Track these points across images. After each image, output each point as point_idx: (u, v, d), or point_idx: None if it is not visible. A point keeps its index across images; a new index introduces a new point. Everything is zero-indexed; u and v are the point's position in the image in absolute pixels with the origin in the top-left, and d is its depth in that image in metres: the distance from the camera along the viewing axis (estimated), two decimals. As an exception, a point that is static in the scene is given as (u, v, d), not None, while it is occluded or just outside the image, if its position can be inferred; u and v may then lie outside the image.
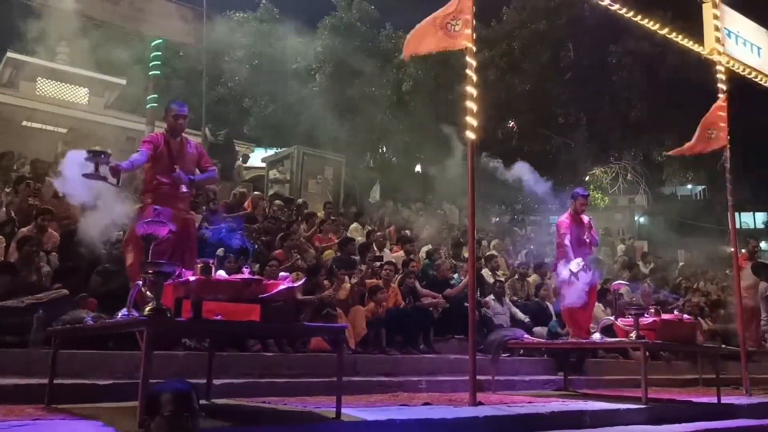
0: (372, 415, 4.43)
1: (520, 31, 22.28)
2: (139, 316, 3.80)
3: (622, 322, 6.87)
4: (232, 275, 4.39)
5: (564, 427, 5.22)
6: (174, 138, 5.82)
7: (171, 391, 2.95)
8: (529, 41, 21.91)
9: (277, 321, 4.21)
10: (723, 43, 8.98)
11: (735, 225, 8.89)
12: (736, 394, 7.65)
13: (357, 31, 22.65)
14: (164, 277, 3.77)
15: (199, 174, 5.96)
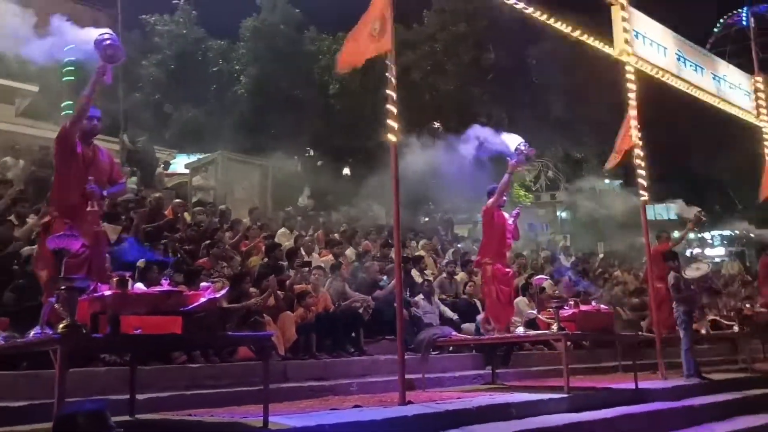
0: (301, 422, 4.42)
1: (441, 34, 22.67)
2: (53, 333, 3.67)
3: (544, 315, 7.10)
4: (151, 287, 4.29)
5: (491, 419, 5.37)
6: (86, 143, 5.47)
7: (84, 411, 2.86)
8: (451, 43, 22.31)
9: (199, 332, 4.15)
10: (632, 45, 9.36)
11: (647, 217, 9.32)
12: (652, 379, 8.02)
13: (280, 34, 22.44)
14: (78, 293, 3.65)
15: (110, 187, 5.59)
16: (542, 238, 17.77)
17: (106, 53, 4.80)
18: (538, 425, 5.31)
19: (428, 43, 22.38)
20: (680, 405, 6.81)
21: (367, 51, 6.37)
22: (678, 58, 10.48)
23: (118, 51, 4.84)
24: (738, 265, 22.13)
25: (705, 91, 11.09)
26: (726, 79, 11.72)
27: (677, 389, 7.34)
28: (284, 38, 22.16)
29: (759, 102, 12.50)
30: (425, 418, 5.06)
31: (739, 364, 10.36)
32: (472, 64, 22.52)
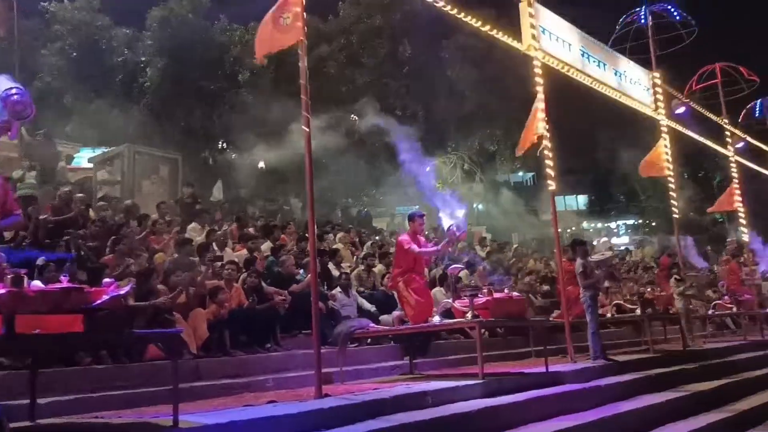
0: (213, 419, 4.31)
1: (357, 26, 22.62)
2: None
3: (460, 303, 7.21)
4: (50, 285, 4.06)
5: (408, 408, 5.41)
6: None
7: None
8: (367, 36, 22.31)
9: (103, 331, 3.96)
10: (539, 40, 9.62)
11: (556, 208, 9.64)
12: (563, 362, 8.32)
13: (189, 24, 21.73)
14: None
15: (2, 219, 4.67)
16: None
17: (15, 110, 4.27)
18: (453, 412, 5.39)
19: (344, 36, 22.28)
20: (588, 386, 7.08)
21: (280, 41, 6.26)
22: (582, 54, 10.88)
23: (28, 107, 4.32)
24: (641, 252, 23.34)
25: (607, 86, 11.57)
26: (626, 75, 12.27)
27: (585, 371, 7.64)
28: (193, 28, 21.47)
29: (657, 96, 13.17)
30: (342, 409, 5.04)
31: (642, 345, 10.90)
32: (388, 57, 22.61)
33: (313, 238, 6.10)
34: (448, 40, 22.77)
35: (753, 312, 13.97)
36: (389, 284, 8.19)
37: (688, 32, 14.12)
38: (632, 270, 18.06)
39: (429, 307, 7.72)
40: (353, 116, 20.57)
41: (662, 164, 12.47)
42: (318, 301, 6.08)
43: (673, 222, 13.35)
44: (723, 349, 11.13)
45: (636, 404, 6.90)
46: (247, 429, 4.34)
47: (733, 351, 11.22)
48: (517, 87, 18.53)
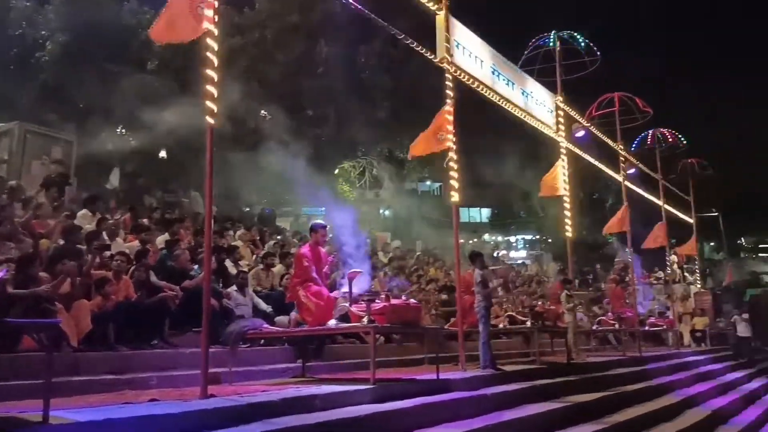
0: (87, 416, 4.08)
1: (273, 22, 22.24)
2: None
3: (356, 308, 7.20)
4: None
5: (297, 412, 5.34)
6: None
7: None
8: (282, 33, 21.98)
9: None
10: (452, 54, 9.81)
11: (458, 219, 9.83)
12: (454, 370, 8.47)
13: (96, 2, 20.66)
14: None
15: None
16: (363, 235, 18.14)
17: None
18: (342, 416, 5.35)
19: (259, 30, 21.84)
20: (475, 394, 7.24)
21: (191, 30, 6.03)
22: (493, 72, 11.19)
23: None
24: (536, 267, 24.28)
25: (514, 105, 11.96)
26: (533, 96, 12.74)
27: (474, 379, 7.80)
28: (100, 7, 20.44)
29: (559, 119, 13.74)
30: (226, 411, 4.90)
31: (531, 356, 11.29)
32: (303, 57, 22.38)
33: (209, 233, 5.94)
34: (366, 45, 22.82)
35: (633, 329, 14.81)
36: (288, 295, 8.08)
37: (591, 61, 14.81)
38: (527, 283, 18.75)
39: (328, 311, 7.66)
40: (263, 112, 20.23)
41: (558, 184, 12.99)
42: (210, 298, 5.90)
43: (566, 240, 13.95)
44: (604, 363, 11.72)
45: (519, 413, 7.10)
46: (123, 427, 4.13)
47: (613, 365, 11.83)
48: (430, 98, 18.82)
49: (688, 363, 14.94)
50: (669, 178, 23.44)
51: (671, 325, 17.88)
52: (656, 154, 22.18)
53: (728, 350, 19.09)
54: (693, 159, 25.29)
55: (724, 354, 18.55)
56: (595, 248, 35.73)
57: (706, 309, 22.45)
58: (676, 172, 24.78)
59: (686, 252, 25.11)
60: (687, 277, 25.51)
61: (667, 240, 20.64)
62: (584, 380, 9.72)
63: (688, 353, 16.81)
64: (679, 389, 11.63)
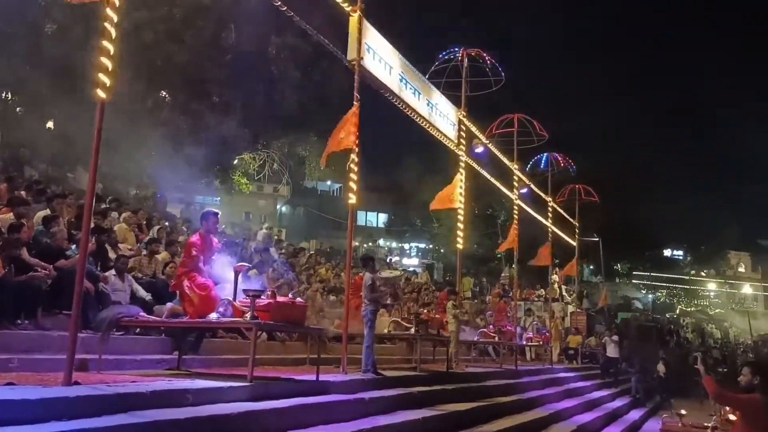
0: None
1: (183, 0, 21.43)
2: None
3: (240, 303, 7.03)
4: None
5: (165, 405, 5.14)
6: None
7: None
8: (192, 12, 21.20)
9: None
10: (362, 56, 9.83)
11: (354, 221, 9.84)
12: (335, 373, 8.44)
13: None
14: None
15: None
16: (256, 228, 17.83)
17: None
18: (212, 412, 5.19)
19: (167, 6, 20.94)
20: (353, 398, 7.24)
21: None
22: (401, 79, 11.32)
23: None
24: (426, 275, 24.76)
25: (419, 114, 12.15)
26: (437, 107, 12.99)
27: (353, 383, 7.81)
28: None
29: (461, 133, 14.09)
30: (90, 400, 4.64)
31: (413, 363, 11.45)
32: (212, 41, 21.69)
33: (89, 211, 5.61)
34: (278, 37, 22.44)
35: (511, 343, 15.38)
36: (173, 284, 7.78)
37: (496, 80, 15.29)
38: (416, 291, 19.06)
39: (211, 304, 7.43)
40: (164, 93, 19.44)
41: (455, 197, 13.29)
42: (83, 280, 5.58)
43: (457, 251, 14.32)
44: (481, 374, 12.08)
45: (394, 419, 7.17)
46: (-31, 412, 3.82)
47: (489, 376, 12.22)
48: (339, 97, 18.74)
49: (559, 379, 15.68)
50: (557, 200, 24.61)
51: (547, 342, 18.71)
52: (548, 176, 23.22)
53: (597, 369, 20.20)
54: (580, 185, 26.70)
55: (593, 372, 19.61)
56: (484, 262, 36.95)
57: (580, 328, 23.68)
58: (564, 196, 26.05)
59: (567, 273, 26.40)
60: (565, 296, 26.82)
61: (551, 260, 21.62)
62: (461, 389, 9.97)
63: (561, 369, 17.64)
64: (549, 403, 12.17)
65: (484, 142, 16.60)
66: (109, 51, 5.70)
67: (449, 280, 18.84)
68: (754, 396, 5.20)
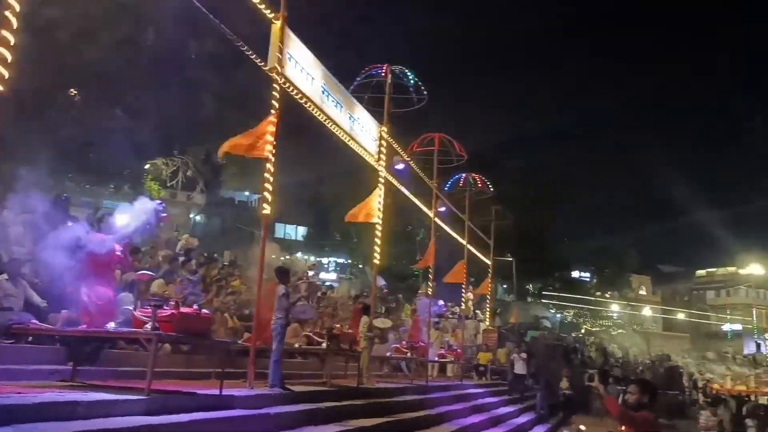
0: None
1: (101, -1, 20.62)
2: None
3: (141, 312, 6.74)
4: None
5: (54, 418, 4.89)
6: None
7: None
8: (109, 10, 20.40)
9: None
10: (284, 65, 9.71)
11: (267, 232, 9.66)
12: (241, 387, 8.21)
13: None
14: None
15: None
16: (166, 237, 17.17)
17: None
18: (104, 426, 4.95)
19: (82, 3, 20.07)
20: (257, 413, 7.06)
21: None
22: (323, 91, 11.26)
23: None
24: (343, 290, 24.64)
25: (340, 127, 12.12)
26: (359, 122, 13.01)
27: (259, 398, 7.61)
28: None
29: (381, 149, 14.15)
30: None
31: (324, 378, 11.30)
32: (129, 40, 20.92)
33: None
34: (197, 41, 21.91)
35: (423, 359, 15.48)
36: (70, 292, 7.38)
37: (419, 98, 15.46)
38: (331, 306, 18.90)
39: (109, 314, 7.09)
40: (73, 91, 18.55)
41: (373, 212, 13.30)
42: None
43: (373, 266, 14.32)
44: (391, 390, 12.05)
45: (299, 435, 7.05)
46: None
47: (399, 392, 12.20)
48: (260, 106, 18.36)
49: (468, 395, 15.88)
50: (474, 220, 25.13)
51: (458, 358, 18.95)
52: (466, 196, 23.69)
53: (505, 385, 20.61)
54: (497, 206, 27.40)
55: (501, 389, 20.00)
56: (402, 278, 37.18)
57: (491, 345, 24.13)
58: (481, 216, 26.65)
59: (480, 291, 26.93)
60: (478, 314, 27.32)
61: (465, 278, 21.98)
62: (370, 405, 9.90)
63: (470, 385, 17.89)
64: (457, 419, 12.28)
65: (405, 159, 16.77)
66: (9, 42, 5.39)
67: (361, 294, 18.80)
68: (648, 414, 5.38)
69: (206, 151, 24.89)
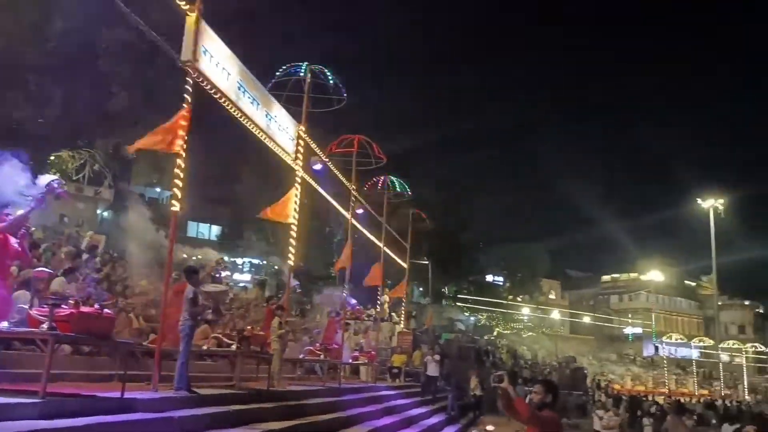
0: None
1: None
2: None
3: (38, 311, 6.37)
4: None
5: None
6: None
7: None
8: (14, -4, 19.34)
9: None
10: (198, 59, 9.42)
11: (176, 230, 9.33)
12: (145, 390, 7.89)
13: None
14: None
15: None
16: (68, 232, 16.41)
17: None
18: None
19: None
20: (160, 416, 6.80)
21: None
22: (239, 87, 11.00)
23: None
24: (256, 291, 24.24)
25: (256, 125, 11.87)
26: (276, 120, 12.79)
27: (163, 401, 7.35)
28: None
29: (299, 148, 13.99)
30: None
31: (233, 381, 11.04)
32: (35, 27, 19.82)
33: None
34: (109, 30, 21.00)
35: (336, 361, 15.41)
36: None
37: (338, 99, 15.41)
38: (243, 307, 18.55)
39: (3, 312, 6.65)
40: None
41: (288, 211, 13.14)
42: None
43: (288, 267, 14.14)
44: (303, 392, 11.92)
45: (205, 439, 6.84)
46: None
47: (311, 395, 12.09)
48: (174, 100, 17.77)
49: (381, 396, 15.93)
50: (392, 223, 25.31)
51: (372, 360, 19.00)
52: (384, 199, 23.83)
53: (418, 387, 20.83)
54: (415, 210, 27.71)
55: (415, 391, 20.20)
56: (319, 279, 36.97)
57: (405, 348, 24.36)
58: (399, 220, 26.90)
59: (397, 294, 27.15)
60: (393, 316, 27.54)
61: (382, 280, 22.11)
62: (280, 408, 9.75)
63: (383, 387, 17.96)
64: (368, 421, 12.28)
65: (323, 160, 16.66)
66: None
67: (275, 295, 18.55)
68: (554, 414, 5.53)
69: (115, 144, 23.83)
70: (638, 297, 73.38)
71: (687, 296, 78.24)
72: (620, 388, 47.51)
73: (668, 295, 74.66)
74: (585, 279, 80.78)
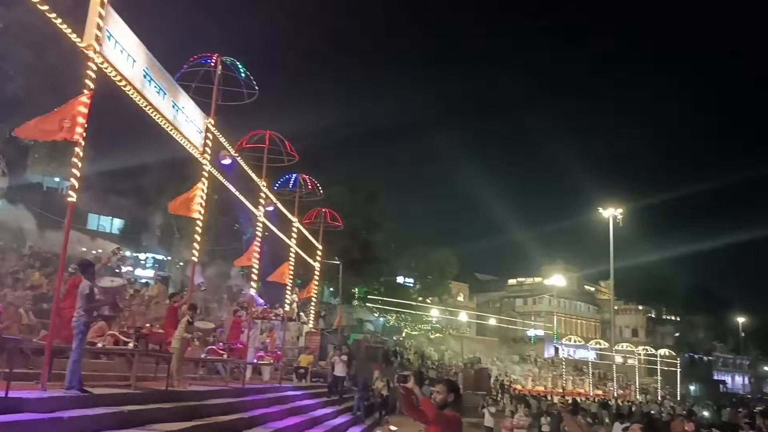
0: None
1: None
2: None
3: None
4: None
5: None
6: None
7: None
8: None
9: None
10: (101, 44, 9.01)
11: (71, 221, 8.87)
12: (33, 389, 7.46)
13: None
14: None
15: None
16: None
17: None
18: None
19: None
20: (48, 417, 6.47)
21: None
22: (144, 75, 10.61)
23: None
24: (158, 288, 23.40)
25: (162, 115, 11.48)
26: (184, 111, 12.42)
27: (51, 400, 6.99)
28: None
29: (207, 141, 13.64)
30: None
31: (131, 380, 10.60)
32: None
33: None
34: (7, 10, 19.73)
35: (240, 361, 15.10)
36: None
37: (249, 93, 15.12)
38: (144, 304, 17.87)
39: None
40: None
41: (193, 206, 12.78)
42: None
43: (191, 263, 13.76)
44: (203, 393, 11.59)
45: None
46: None
47: (212, 395, 11.77)
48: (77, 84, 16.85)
49: (286, 397, 15.72)
50: (303, 222, 25.11)
51: (278, 360, 18.74)
52: (296, 197, 23.63)
53: (325, 387, 20.72)
54: (327, 209, 27.59)
55: (320, 390, 20.07)
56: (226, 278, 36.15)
57: (313, 348, 24.19)
58: (311, 219, 26.71)
59: (306, 294, 26.94)
60: (302, 316, 27.30)
61: (287, 278, 21.88)
62: (179, 409, 9.47)
63: (289, 388, 17.74)
64: (272, 421, 12.10)
65: (232, 155, 16.29)
66: None
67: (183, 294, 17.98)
68: (457, 413, 5.59)
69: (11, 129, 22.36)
70: (542, 300, 76.05)
71: (586, 300, 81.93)
72: (521, 388, 49.13)
73: (569, 299, 77.84)
74: (493, 282, 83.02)
